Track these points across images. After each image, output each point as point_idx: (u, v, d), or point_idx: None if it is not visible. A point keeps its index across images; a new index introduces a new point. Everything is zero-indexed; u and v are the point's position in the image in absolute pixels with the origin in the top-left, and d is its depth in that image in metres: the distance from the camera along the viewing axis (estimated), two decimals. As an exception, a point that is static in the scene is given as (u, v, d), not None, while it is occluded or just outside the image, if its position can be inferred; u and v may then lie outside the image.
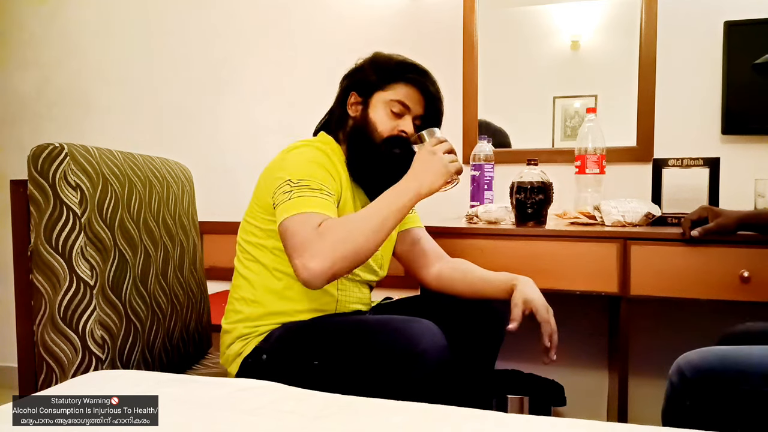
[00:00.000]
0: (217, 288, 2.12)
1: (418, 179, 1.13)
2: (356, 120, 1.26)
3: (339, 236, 1.02)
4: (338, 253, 1.01)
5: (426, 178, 1.12)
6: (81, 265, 1.05)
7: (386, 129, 1.23)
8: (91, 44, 2.44)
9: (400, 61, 1.27)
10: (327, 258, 1.00)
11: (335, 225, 1.04)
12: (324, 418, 0.72)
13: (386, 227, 1.08)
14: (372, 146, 1.23)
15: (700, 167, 1.62)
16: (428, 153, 1.15)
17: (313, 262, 0.99)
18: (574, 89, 1.99)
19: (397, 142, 1.23)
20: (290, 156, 1.18)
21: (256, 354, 1.17)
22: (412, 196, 1.11)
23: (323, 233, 1.01)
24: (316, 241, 1.00)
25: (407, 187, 1.12)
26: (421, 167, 1.14)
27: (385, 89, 1.24)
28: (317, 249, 1.00)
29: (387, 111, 1.24)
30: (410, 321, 1.07)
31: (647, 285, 1.43)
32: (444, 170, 1.14)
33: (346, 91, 1.29)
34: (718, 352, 1.00)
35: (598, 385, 1.95)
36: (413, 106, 1.25)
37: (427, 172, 1.13)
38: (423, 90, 1.25)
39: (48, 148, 1.05)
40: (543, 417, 0.73)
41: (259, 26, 2.26)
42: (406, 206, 1.10)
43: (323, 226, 1.03)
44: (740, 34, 1.75)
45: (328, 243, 1.00)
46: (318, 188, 1.10)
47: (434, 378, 1.01)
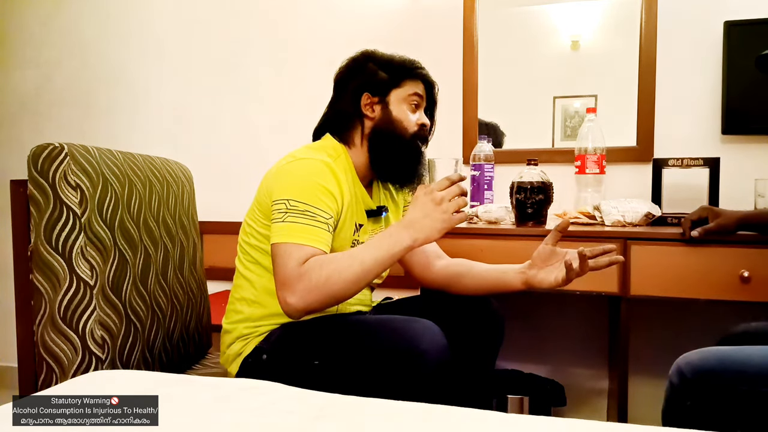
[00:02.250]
0: (217, 288, 2.12)
1: (414, 228, 1.05)
2: (378, 120, 1.25)
3: (318, 280, 1.02)
4: (313, 296, 1.02)
5: (423, 230, 1.05)
6: (81, 265, 1.05)
7: (411, 125, 1.26)
8: (91, 44, 2.44)
9: (403, 58, 1.29)
10: (303, 299, 1.02)
11: (317, 267, 1.03)
12: (324, 418, 0.72)
13: (369, 276, 1.05)
14: (404, 143, 1.24)
15: (700, 167, 1.62)
16: (432, 201, 1.05)
17: (291, 299, 1.03)
18: (574, 89, 1.99)
19: (423, 136, 1.28)
20: (293, 169, 1.15)
21: (257, 354, 1.17)
22: (405, 247, 1.05)
23: (304, 274, 1.03)
24: (296, 281, 1.02)
25: (400, 238, 1.05)
26: (420, 214, 1.06)
27: (400, 86, 1.26)
28: (296, 288, 1.02)
29: (406, 107, 1.26)
30: (410, 321, 1.07)
31: (647, 285, 1.43)
32: (445, 225, 1.05)
33: (356, 92, 1.26)
34: (718, 352, 1.00)
35: (598, 385, 1.95)
36: (424, 97, 1.29)
37: (425, 223, 1.05)
38: (426, 82, 1.29)
39: (48, 148, 1.05)
40: (543, 417, 0.73)
41: (260, 26, 2.26)
42: (395, 257, 1.06)
43: (306, 265, 1.03)
44: (740, 34, 1.75)
45: (305, 285, 1.02)
46: (313, 214, 1.08)
47: (434, 378, 1.01)
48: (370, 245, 1.07)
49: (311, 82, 2.20)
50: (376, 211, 1.28)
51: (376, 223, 1.30)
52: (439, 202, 1.05)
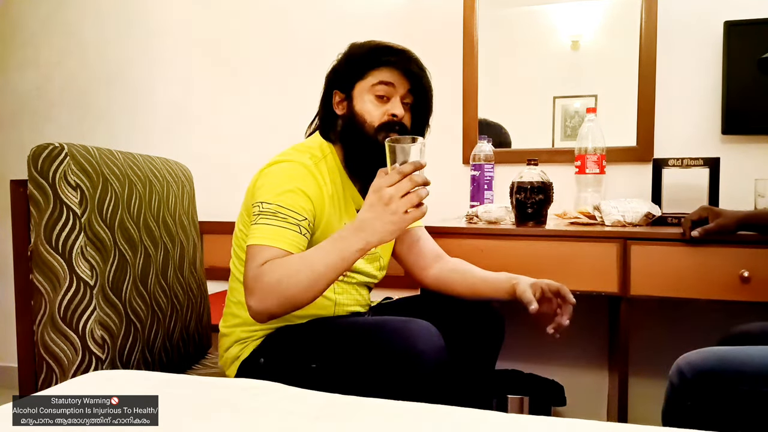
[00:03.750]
0: (217, 288, 2.12)
1: (365, 231, 0.98)
2: (344, 117, 1.21)
3: (270, 283, 1.00)
4: (269, 300, 1.00)
5: (375, 234, 0.97)
6: (81, 265, 1.05)
7: (376, 117, 1.17)
8: (90, 44, 2.44)
9: (374, 46, 1.20)
10: (261, 302, 1.01)
11: (270, 270, 1.01)
12: (324, 418, 0.72)
13: (322, 281, 1.01)
14: (366, 139, 1.17)
15: (700, 167, 1.62)
16: (379, 201, 0.96)
17: (251, 301, 1.02)
18: (574, 89, 1.99)
19: (390, 128, 1.17)
20: (271, 172, 1.15)
21: (254, 357, 1.17)
22: (357, 251, 0.99)
23: (259, 276, 1.01)
24: (254, 284, 1.02)
25: (352, 241, 0.99)
26: (370, 215, 0.97)
27: (364, 78, 1.18)
28: (254, 289, 1.02)
29: (372, 98, 1.18)
30: (407, 322, 1.06)
31: (647, 285, 1.43)
32: (396, 226, 0.96)
33: (328, 91, 1.24)
34: (718, 352, 1.00)
35: (598, 385, 1.95)
36: (398, 85, 1.18)
37: (375, 226, 0.97)
38: (404, 69, 1.17)
39: (48, 148, 1.05)
40: (543, 417, 0.73)
41: (260, 26, 2.26)
42: (347, 261, 1.00)
43: (263, 267, 1.02)
44: (740, 34, 1.75)
45: (261, 286, 1.01)
46: (284, 215, 1.07)
47: (432, 379, 1.01)
48: (322, 248, 1.02)
49: (311, 82, 2.19)
50: None
51: None
52: (387, 202, 0.95)
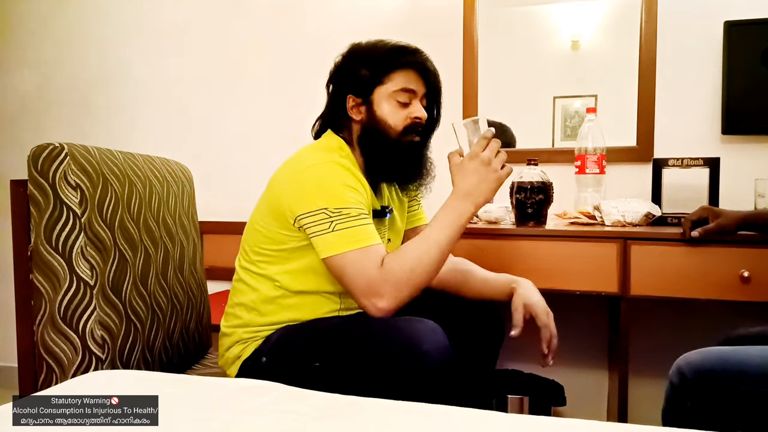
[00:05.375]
0: (217, 288, 2.12)
1: (473, 195, 1.10)
2: (364, 123, 1.20)
3: (403, 275, 1.06)
4: (403, 293, 1.06)
5: (482, 194, 1.10)
6: (81, 265, 1.05)
7: (399, 121, 1.19)
8: (91, 44, 2.44)
9: (390, 47, 1.20)
10: (394, 299, 1.06)
11: (397, 263, 1.07)
12: (324, 418, 0.72)
13: (445, 256, 1.10)
14: (391, 144, 1.18)
15: (700, 167, 1.62)
16: (481, 164, 1.10)
17: (382, 303, 1.06)
18: (574, 89, 1.99)
19: (414, 131, 1.20)
20: (313, 177, 1.12)
21: (256, 356, 1.17)
22: (469, 216, 1.11)
23: (387, 275, 1.06)
24: (382, 284, 1.05)
25: (463, 209, 1.10)
26: (475, 180, 1.10)
27: (384, 82, 1.18)
28: (384, 290, 1.05)
29: (394, 103, 1.18)
30: (412, 321, 1.06)
31: (647, 285, 1.43)
32: (499, 183, 1.11)
33: (339, 96, 1.21)
34: (718, 352, 1.00)
35: (598, 385, 1.95)
36: (418, 89, 1.20)
37: (482, 187, 1.10)
38: (422, 70, 1.20)
39: (48, 148, 1.05)
40: (543, 417, 0.73)
41: (260, 26, 2.26)
42: (462, 229, 1.11)
43: (386, 266, 1.06)
44: (740, 34, 1.75)
45: (393, 284, 1.06)
46: (357, 214, 1.08)
47: (437, 378, 1.01)
48: (436, 227, 1.10)
49: (311, 82, 2.19)
50: (380, 212, 1.24)
51: (380, 224, 1.25)
52: (488, 163, 1.10)
